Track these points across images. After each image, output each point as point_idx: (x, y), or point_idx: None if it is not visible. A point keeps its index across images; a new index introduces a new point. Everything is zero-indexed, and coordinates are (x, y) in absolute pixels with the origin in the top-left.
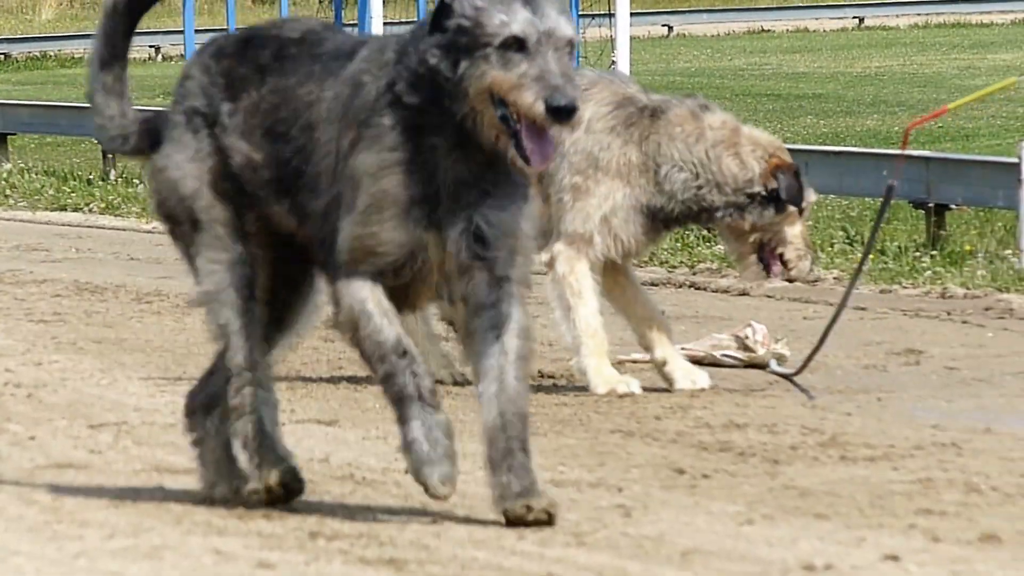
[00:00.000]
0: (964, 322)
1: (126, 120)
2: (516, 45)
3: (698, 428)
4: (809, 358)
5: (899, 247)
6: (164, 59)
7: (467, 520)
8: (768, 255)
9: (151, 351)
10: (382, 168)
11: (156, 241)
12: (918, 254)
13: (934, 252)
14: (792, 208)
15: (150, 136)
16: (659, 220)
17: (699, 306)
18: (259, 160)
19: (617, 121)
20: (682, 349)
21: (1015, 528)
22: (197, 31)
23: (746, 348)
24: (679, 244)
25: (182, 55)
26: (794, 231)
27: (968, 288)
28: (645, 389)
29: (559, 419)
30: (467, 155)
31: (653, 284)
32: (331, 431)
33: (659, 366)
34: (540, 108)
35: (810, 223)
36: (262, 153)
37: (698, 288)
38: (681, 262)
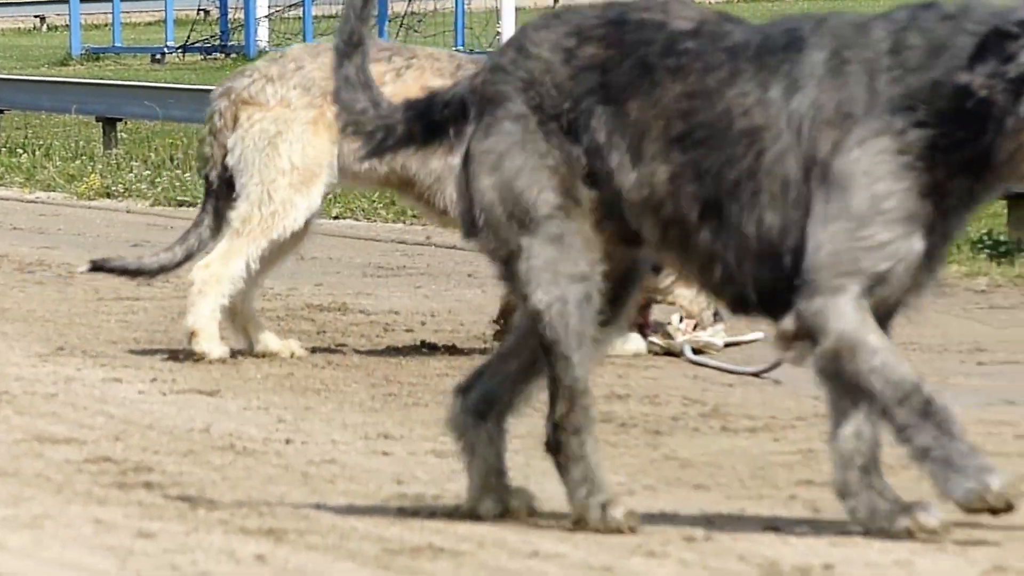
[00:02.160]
0: None
1: (383, 111)
2: None
3: None
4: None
5: None
6: (49, 29)
7: (346, 491)
8: None
9: (33, 321)
10: (889, 169)
11: (39, 211)
12: None
13: None
14: None
15: (423, 124)
16: None
17: None
18: (658, 173)
19: None
20: None
21: None
22: (82, 1)
23: (665, 335)
24: None
25: (67, 25)
26: None
27: None
28: None
29: (440, 390)
30: (978, 173)
31: None
32: (212, 401)
33: None
34: None
35: None
36: (667, 165)
37: None
38: None
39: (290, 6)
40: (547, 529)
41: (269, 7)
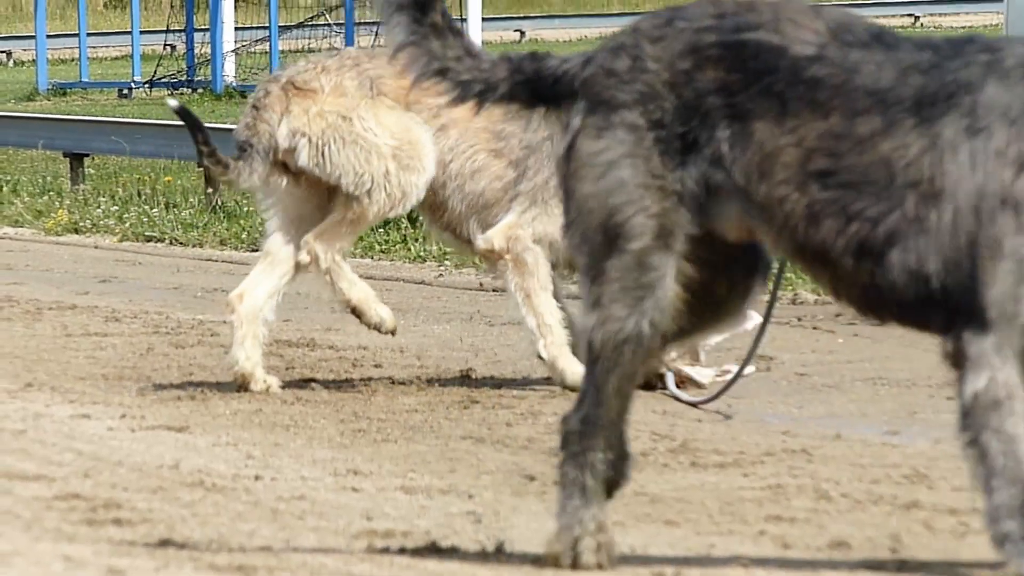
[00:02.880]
0: (815, 328)
1: (483, 63)
2: None
3: (549, 434)
4: (728, 385)
5: None
6: (16, 64)
7: (316, 528)
8: None
9: (1, 357)
10: None
11: (6, 247)
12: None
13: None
14: None
15: (530, 90)
16: None
17: None
18: (790, 201)
19: None
20: None
21: (864, 535)
22: (49, 36)
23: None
24: None
25: (33, 60)
26: None
27: (819, 294)
28: (498, 396)
29: (410, 425)
30: None
31: (505, 290)
32: (181, 437)
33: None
34: None
35: None
36: (804, 196)
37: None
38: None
39: (257, 41)
40: (517, 564)
41: (236, 42)
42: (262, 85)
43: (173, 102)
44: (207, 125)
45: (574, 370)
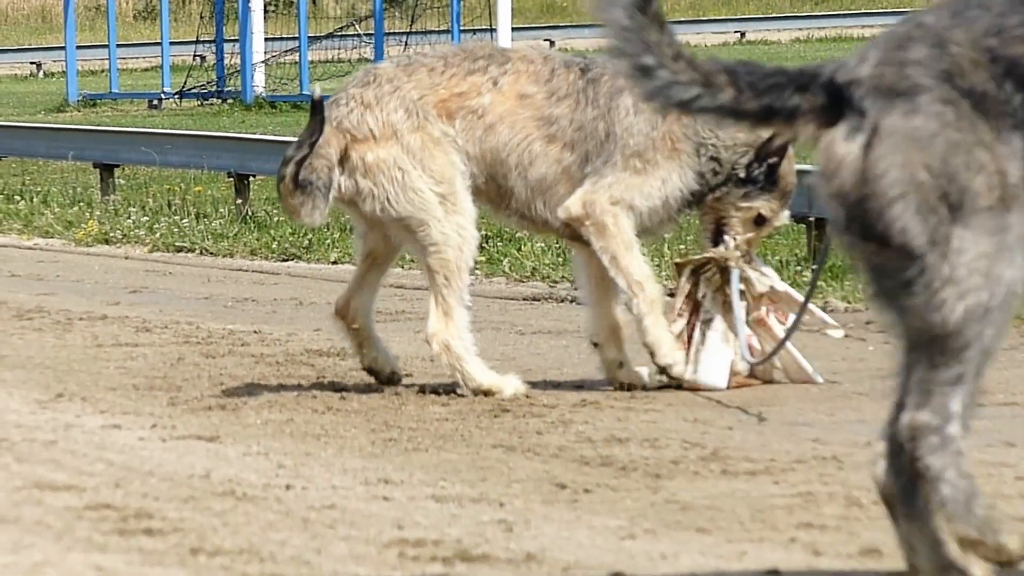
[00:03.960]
0: (846, 336)
1: (700, 66)
2: None
3: (580, 442)
4: (769, 355)
5: (780, 261)
6: (46, 75)
7: (347, 537)
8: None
9: (32, 367)
10: None
11: (37, 258)
12: (799, 268)
13: (815, 266)
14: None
15: (760, 100)
16: (685, 207)
17: (580, 321)
18: None
19: None
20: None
21: (895, 542)
22: (79, 47)
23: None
24: (560, 259)
25: (63, 71)
26: (746, 229)
27: (849, 302)
28: (528, 405)
29: (440, 434)
30: None
31: (535, 299)
32: (212, 447)
33: (611, 367)
34: None
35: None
36: None
37: (580, 304)
38: (563, 277)
39: (287, 51)
40: (548, 572)
41: (265, 52)
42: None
43: (318, 91)
44: (237, 135)
45: (658, 329)
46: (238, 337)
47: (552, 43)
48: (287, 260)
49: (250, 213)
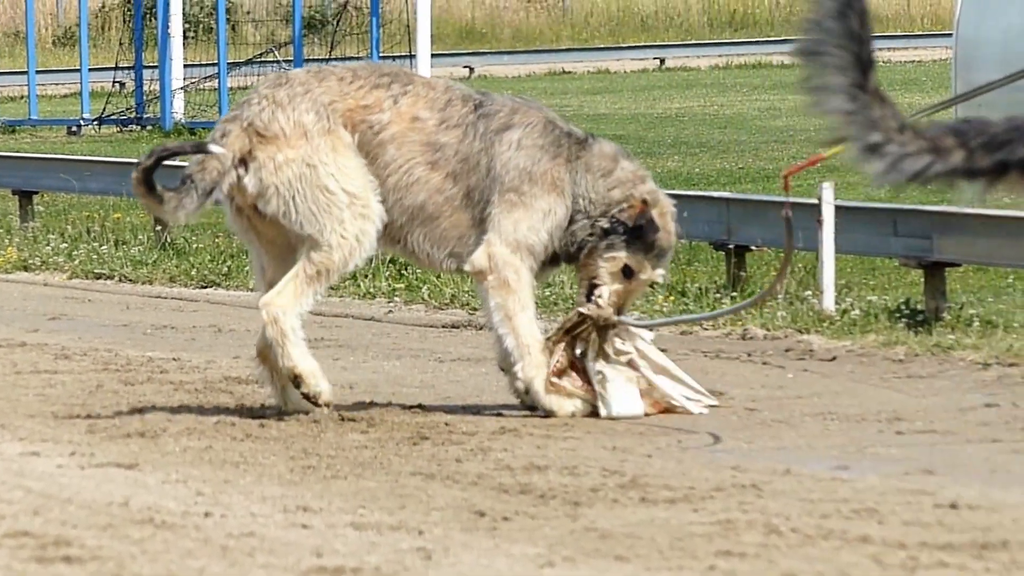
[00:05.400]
0: (764, 363)
1: (926, 132)
2: None
3: (499, 470)
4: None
5: (700, 288)
6: None
7: (266, 564)
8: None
9: None
10: None
11: None
12: (719, 295)
13: (735, 293)
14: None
15: (997, 158)
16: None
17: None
18: None
19: (546, 141)
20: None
21: (814, 569)
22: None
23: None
24: None
25: None
26: (614, 281)
27: (768, 329)
28: (448, 432)
29: (359, 462)
30: None
31: (455, 326)
32: (131, 474)
33: (520, 393)
34: None
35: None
36: None
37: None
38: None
39: (206, 78)
40: None
41: (184, 79)
42: (221, 124)
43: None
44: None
45: (546, 396)
46: (157, 364)
47: (471, 69)
48: (206, 287)
49: (169, 240)
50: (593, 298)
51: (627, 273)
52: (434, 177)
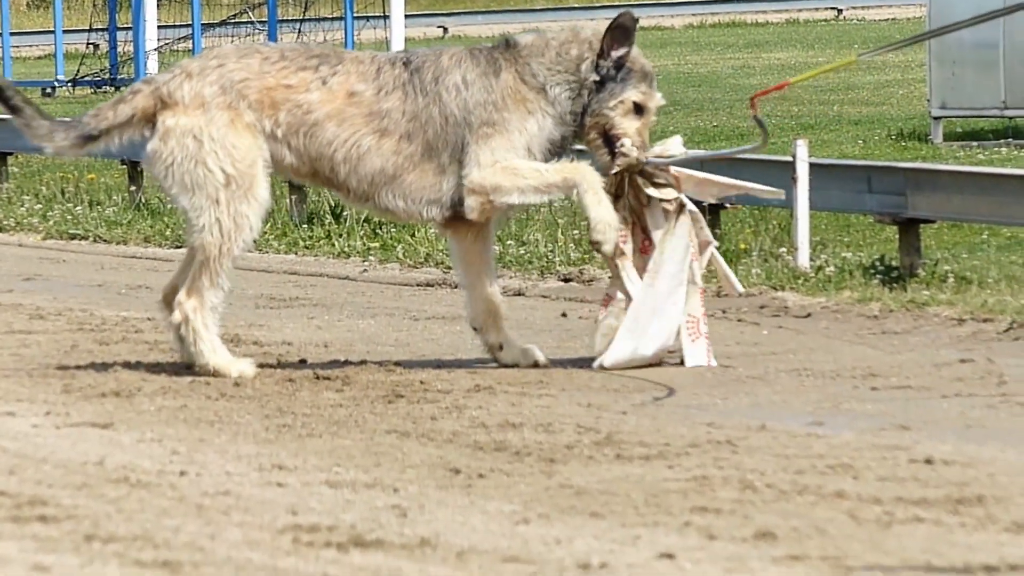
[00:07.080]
0: (739, 320)
1: None
2: None
3: (473, 428)
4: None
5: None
6: None
7: (241, 523)
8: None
9: None
10: None
11: None
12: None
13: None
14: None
15: None
16: (559, 144)
17: None
18: None
19: (483, 67)
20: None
21: (790, 525)
22: None
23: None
24: None
25: None
26: (630, 123)
27: (743, 286)
28: (423, 390)
29: (334, 420)
30: None
31: (429, 285)
32: (106, 434)
33: (493, 350)
34: None
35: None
36: None
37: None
38: None
39: (180, 39)
40: (442, 557)
41: (159, 40)
42: (138, 83)
43: None
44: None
45: (600, 207)
46: (132, 324)
47: (445, 29)
48: (180, 247)
49: (143, 200)
50: (617, 150)
51: (638, 110)
52: (386, 143)
